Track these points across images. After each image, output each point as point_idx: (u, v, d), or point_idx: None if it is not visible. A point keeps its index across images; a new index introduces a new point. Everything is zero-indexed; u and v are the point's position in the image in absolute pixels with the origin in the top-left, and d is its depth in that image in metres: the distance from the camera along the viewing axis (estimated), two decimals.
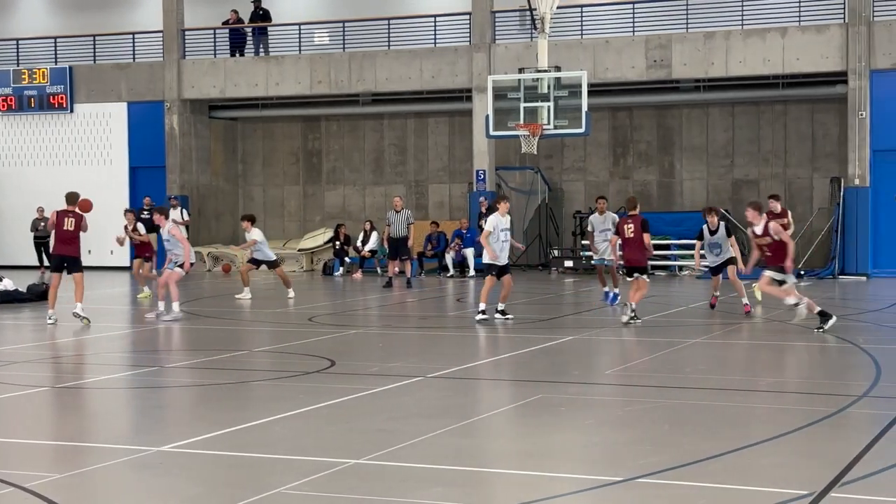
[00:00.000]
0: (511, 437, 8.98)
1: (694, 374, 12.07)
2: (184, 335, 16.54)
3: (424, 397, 10.76)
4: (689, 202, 30.16)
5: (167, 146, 31.94)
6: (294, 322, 17.64)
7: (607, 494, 7.20)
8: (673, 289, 23.98)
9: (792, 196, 29.63)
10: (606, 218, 19.05)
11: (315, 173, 33.95)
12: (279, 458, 8.07)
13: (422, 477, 7.58)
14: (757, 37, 27.12)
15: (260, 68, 31.27)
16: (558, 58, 24.83)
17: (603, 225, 19.04)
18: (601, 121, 30.07)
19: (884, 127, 26.34)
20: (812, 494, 6.92)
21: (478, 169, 29.16)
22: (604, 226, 19.01)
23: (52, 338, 16.20)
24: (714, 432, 8.96)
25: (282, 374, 12.04)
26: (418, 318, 18.81)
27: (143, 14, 33.92)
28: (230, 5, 32.29)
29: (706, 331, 16.12)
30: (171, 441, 8.59)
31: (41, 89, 32.66)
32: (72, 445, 8.77)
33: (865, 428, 9.07)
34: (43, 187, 32.44)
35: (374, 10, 31.22)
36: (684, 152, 30.55)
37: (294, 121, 33.82)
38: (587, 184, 31.20)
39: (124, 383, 12.11)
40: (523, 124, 21.03)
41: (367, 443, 8.52)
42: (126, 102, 32.33)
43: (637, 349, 14.50)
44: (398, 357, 13.78)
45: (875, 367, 12.42)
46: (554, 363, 13.50)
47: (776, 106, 29.61)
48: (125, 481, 7.68)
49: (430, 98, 31.27)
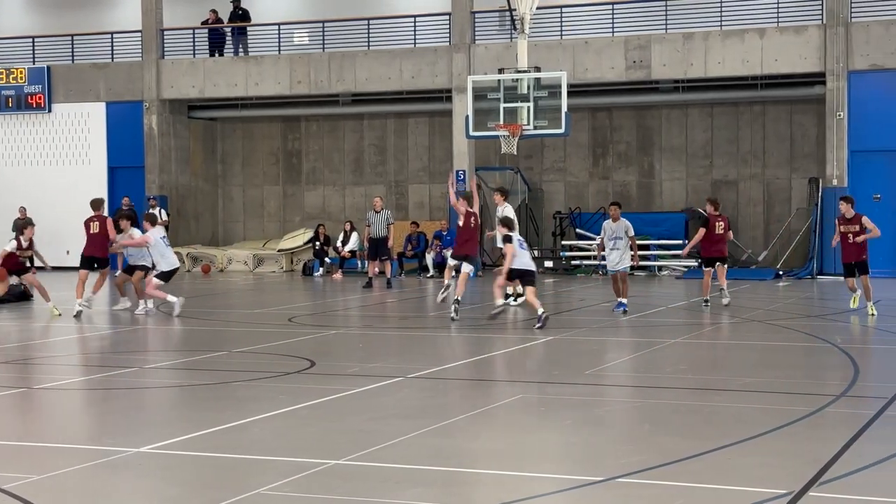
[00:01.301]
0: (491, 438, 8.98)
1: (674, 374, 12.11)
2: (163, 336, 16.50)
3: (404, 398, 10.75)
4: (669, 202, 30.24)
5: (146, 146, 31.83)
6: (274, 322, 17.61)
7: (587, 494, 7.21)
8: (652, 289, 24.05)
9: (770, 196, 29.76)
10: (620, 225, 18.20)
11: (295, 173, 33.90)
12: (259, 458, 8.05)
13: (402, 477, 7.58)
14: (736, 37, 27.22)
15: (239, 68, 31.20)
16: (538, 58, 24.85)
17: (616, 233, 18.20)
18: (581, 121, 30.12)
19: (862, 128, 26.47)
20: (791, 494, 6.94)
21: (458, 169, 29.14)
22: (616, 233, 18.19)
23: (30, 339, 16.14)
24: (693, 432, 8.99)
25: (262, 375, 12.02)
26: (398, 319, 18.80)
27: (121, 14, 33.81)
28: (209, 5, 32.21)
29: (686, 331, 16.17)
30: (150, 442, 8.56)
31: (19, 89, 32.49)
32: (50, 447, 8.73)
33: (843, 427, 9.11)
34: (21, 187, 32.30)
35: (353, 10, 31.19)
36: (664, 153, 30.63)
37: (274, 121, 33.76)
38: (567, 184, 31.25)
39: (103, 384, 12.06)
40: (503, 125, 21.02)
41: (347, 443, 8.51)
42: (105, 102, 32.20)
43: (617, 349, 14.53)
44: (378, 357, 13.77)
45: (853, 366, 12.49)
46: (534, 363, 13.52)
47: (755, 106, 29.72)
48: (104, 482, 7.65)
49: (409, 98, 31.27)
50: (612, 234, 18.29)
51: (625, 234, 18.12)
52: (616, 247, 18.17)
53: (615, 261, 18.22)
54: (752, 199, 29.92)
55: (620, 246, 18.13)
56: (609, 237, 18.32)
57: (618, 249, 18.16)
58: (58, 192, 32.12)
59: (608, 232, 18.38)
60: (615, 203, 19.01)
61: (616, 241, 18.19)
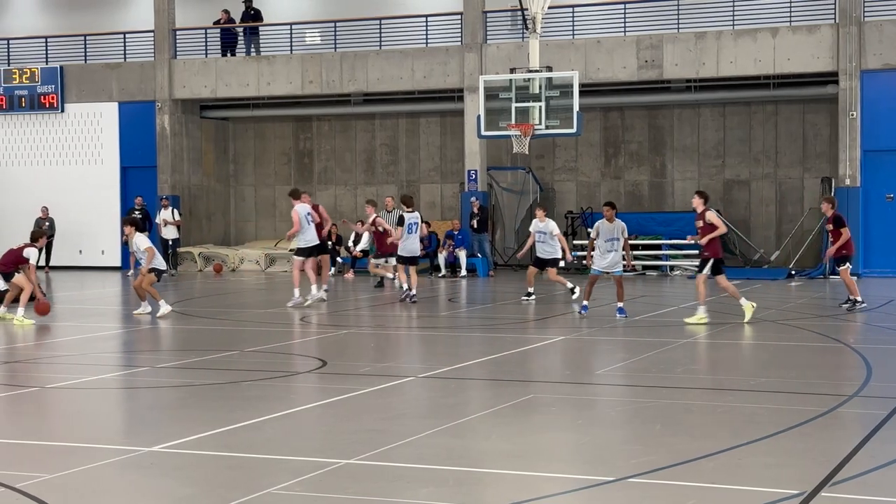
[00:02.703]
0: (502, 437, 8.98)
1: (685, 374, 12.09)
2: (175, 335, 16.53)
3: (416, 397, 10.75)
4: (681, 202, 30.18)
5: (158, 146, 31.89)
6: (285, 322, 17.63)
7: (598, 494, 7.20)
8: (664, 288, 24.01)
9: (783, 196, 29.70)
10: (616, 226, 17.81)
11: (306, 173, 33.92)
12: (270, 458, 8.06)
13: (413, 476, 7.58)
14: (748, 37, 27.16)
15: (251, 68, 31.23)
16: (550, 58, 24.86)
17: (611, 234, 17.80)
18: (592, 121, 30.09)
19: (874, 127, 26.41)
20: (803, 494, 6.92)
21: (469, 169, 29.17)
22: (612, 234, 17.79)
23: (41, 339, 16.18)
24: (705, 432, 8.97)
25: (273, 375, 12.03)
26: (410, 319, 18.80)
27: (134, 14, 33.88)
28: (221, 5, 32.26)
29: (697, 331, 16.12)
30: (162, 441, 8.57)
31: (32, 89, 32.59)
32: (62, 446, 8.75)
33: (856, 427, 9.08)
34: (33, 187, 32.41)
35: (365, 9, 31.20)
36: (675, 152, 30.58)
37: (285, 121, 33.80)
38: (579, 184, 31.22)
39: (115, 383, 12.09)
40: (515, 124, 21.03)
41: (359, 443, 8.52)
42: (117, 102, 32.28)
43: (628, 349, 14.50)
44: (390, 357, 13.77)
45: (865, 366, 12.45)
46: (545, 363, 13.52)
47: (767, 106, 29.66)
48: (116, 482, 7.66)
49: (421, 98, 31.28)
50: (608, 234, 17.78)
51: (621, 235, 17.74)
52: (613, 248, 17.73)
53: (613, 262, 17.78)
54: (764, 198, 29.86)
55: (617, 247, 17.74)
56: (605, 238, 17.81)
57: (615, 251, 17.74)
58: (70, 192, 32.21)
59: (604, 233, 17.83)
60: (609, 203, 18.35)
61: (613, 243, 17.75)
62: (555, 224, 21.02)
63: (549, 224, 20.74)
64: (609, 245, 17.79)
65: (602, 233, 17.87)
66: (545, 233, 20.57)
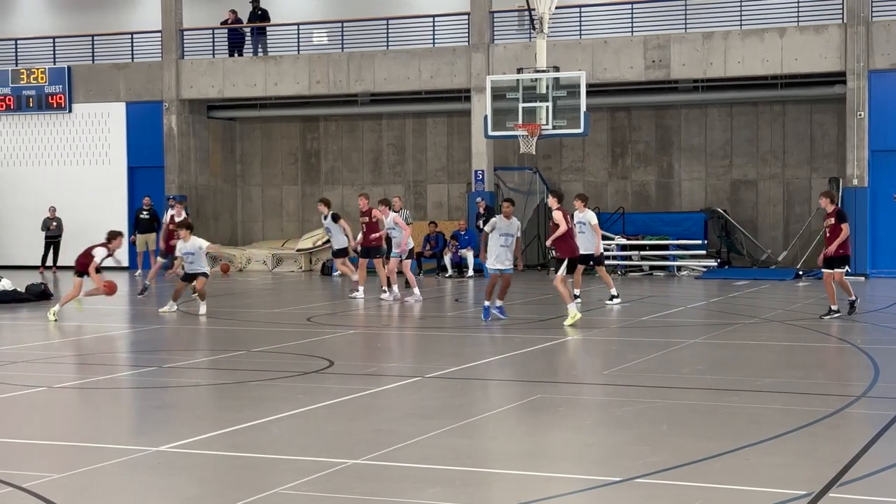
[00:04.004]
0: (509, 438, 8.98)
1: (692, 375, 12.08)
2: (182, 335, 16.55)
3: (422, 397, 10.76)
4: (688, 202, 30.17)
5: (166, 146, 31.93)
6: (292, 322, 17.64)
7: (605, 494, 7.20)
8: (672, 289, 23.99)
9: (790, 196, 29.66)
10: (513, 224, 17.21)
11: (314, 173, 33.95)
12: (277, 458, 8.07)
13: (420, 477, 7.58)
14: (755, 37, 27.13)
15: (258, 68, 31.26)
16: (557, 58, 24.85)
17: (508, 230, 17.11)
18: (600, 121, 30.08)
19: (882, 127, 26.36)
20: (811, 494, 6.92)
21: (476, 169, 29.16)
22: (509, 231, 17.10)
23: (49, 338, 16.21)
24: (712, 432, 8.96)
25: (280, 375, 12.04)
26: (416, 319, 18.80)
27: (141, 14, 33.94)
28: (229, 5, 32.29)
29: (704, 331, 16.12)
30: (169, 441, 8.59)
31: (39, 89, 32.65)
32: (70, 445, 8.77)
33: (864, 428, 9.07)
34: (41, 188, 32.47)
35: (372, 10, 31.23)
36: (683, 152, 30.56)
37: (292, 121, 33.83)
38: (586, 184, 31.20)
39: (123, 383, 12.11)
40: (522, 124, 21.03)
41: (365, 443, 8.52)
42: (124, 102, 32.32)
43: (635, 349, 14.49)
44: (396, 357, 13.77)
45: (873, 367, 12.43)
46: (552, 363, 13.51)
47: (774, 106, 29.63)
48: (124, 481, 7.67)
49: (428, 98, 31.28)
50: (504, 230, 17.14)
51: (516, 233, 17.30)
52: (507, 244, 17.09)
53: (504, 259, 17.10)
54: (771, 198, 29.83)
55: (511, 244, 17.15)
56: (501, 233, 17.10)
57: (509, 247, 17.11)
58: (78, 192, 32.26)
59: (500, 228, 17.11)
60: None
61: (508, 238, 17.12)
62: (593, 214, 20.15)
63: (586, 214, 19.81)
64: (504, 240, 17.16)
65: (498, 228, 17.16)
66: (584, 223, 19.54)
